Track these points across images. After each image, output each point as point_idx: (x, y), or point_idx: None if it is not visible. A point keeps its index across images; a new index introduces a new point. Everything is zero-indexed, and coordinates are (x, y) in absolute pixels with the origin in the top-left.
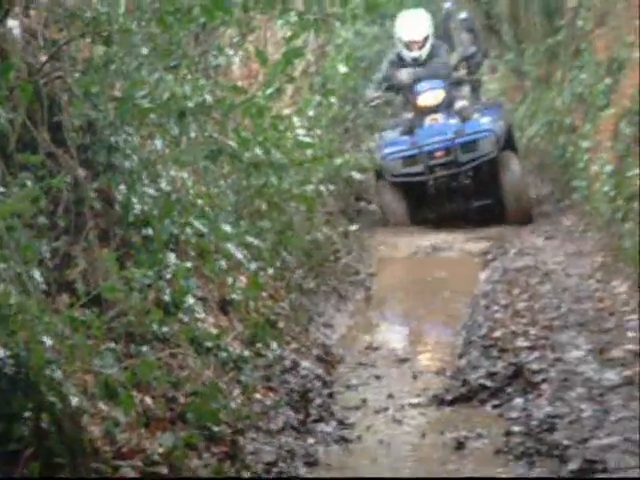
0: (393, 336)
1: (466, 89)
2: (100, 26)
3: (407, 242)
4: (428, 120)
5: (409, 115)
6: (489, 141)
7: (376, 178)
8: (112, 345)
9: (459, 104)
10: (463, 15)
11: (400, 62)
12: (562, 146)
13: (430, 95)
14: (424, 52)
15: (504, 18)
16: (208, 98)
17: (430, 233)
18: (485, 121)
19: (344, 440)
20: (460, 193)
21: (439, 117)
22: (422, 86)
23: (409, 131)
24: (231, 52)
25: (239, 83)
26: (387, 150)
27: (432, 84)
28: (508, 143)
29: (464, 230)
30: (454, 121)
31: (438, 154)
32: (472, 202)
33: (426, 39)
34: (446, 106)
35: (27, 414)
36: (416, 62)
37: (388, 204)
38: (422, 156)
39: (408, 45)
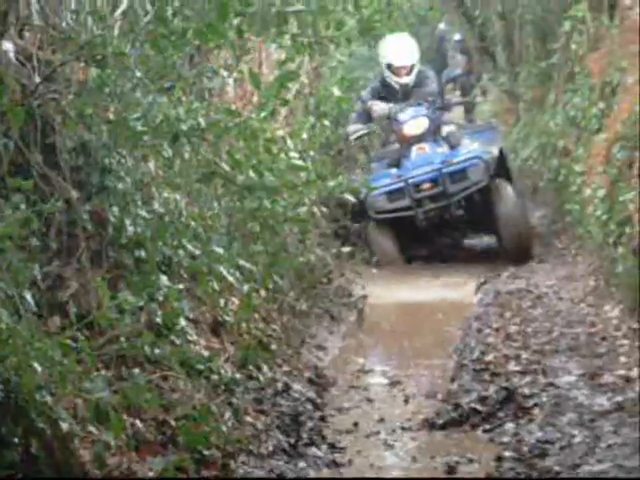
0: (385, 359)
1: (455, 113)
2: (94, 49)
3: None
4: (415, 150)
5: (395, 146)
6: (479, 169)
7: (354, 216)
8: (103, 368)
9: (446, 130)
10: (457, 37)
11: (384, 89)
12: (555, 169)
13: (414, 123)
14: (412, 78)
15: (498, 40)
16: (201, 121)
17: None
18: (474, 147)
19: (335, 464)
20: (452, 227)
21: (426, 146)
22: (405, 115)
23: (395, 163)
24: (225, 74)
25: (234, 105)
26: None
27: (415, 112)
28: (501, 169)
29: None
30: (442, 149)
31: (425, 186)
32: (463, 239)
33: (413, 65)
34: (433, 133)
35: (17, 440)
36: (403, 89)
37: (376, 243)
38: (408, 189)
39: (396, 71)
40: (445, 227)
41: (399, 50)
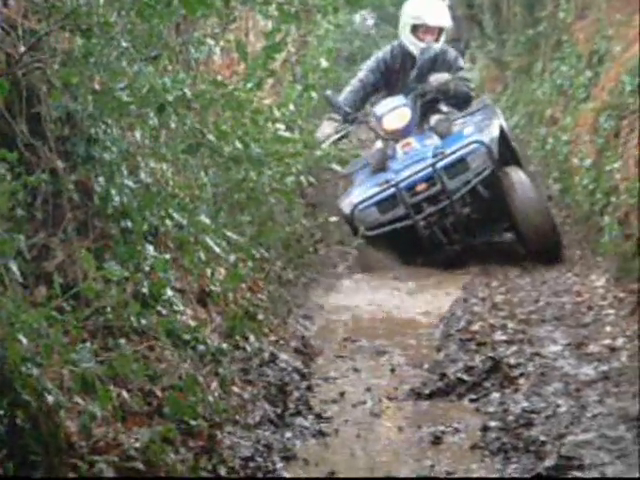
0: (371, 328)
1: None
2: (80, 18)
3: None
4: (400, 148)
5: (378, 146)
6: (479, 155)
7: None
8: (89, 339)
9: (434, 118)
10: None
11: (398, 59)
12: (542, 138)
13: (394, 116)
14: (439, 47)
15: (486, 8)
16: (187, 91)
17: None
18: (469, 131)
19: (321, 434)
20: (461, 228)
21: (412, 141)
22: (382, 107)
23: (381, 166)
24: (212, 42)
25: (220, 74)
26: (355, 198)
27: (393, 102)
28: (506, 152)
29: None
30: (431, 141)
31: (420, 187)
32: (478, 236)
33: (443, 31)
34: (418, 125)
35: (2, 412)
36: (426, 59)
37: (374, 263)
38: (401, 195)
39: (424, 34)
40: (453, 231)
41: (431, 9)
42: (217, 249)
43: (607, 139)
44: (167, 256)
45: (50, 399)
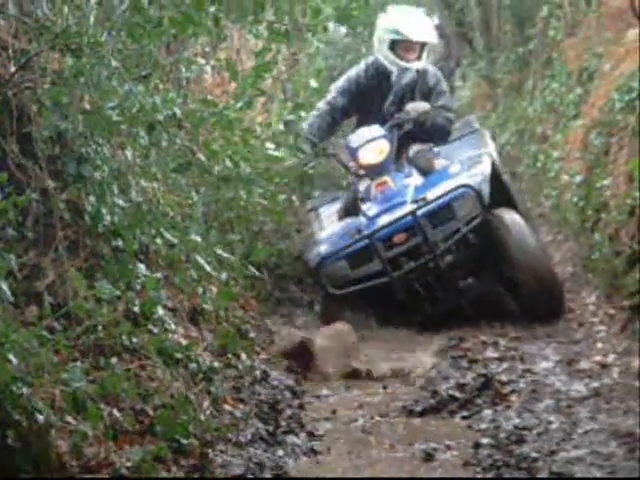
0: (364, 344)
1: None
2: (70, 37)
3: None
4: (375, 187)
5: (350, 183)
6: (467, 201)
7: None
8: (80, 358)
9: (413, 149)
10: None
11: (373, 79)
12: (533, 155)
13: (370, 149)
14: (421, 65)
15: (476, 26)
16: (177, 111)
17: None
18: (455, 170)
19: (313, 452)
20: (446, 283)
21: (389, 179)
22: (357, 138)
23: (351, 210)
24: (203, 61)
25: (211, 92)
26: (322, 249)
27: (370, 133)
28: (499, 192)
29: None
30: (411, 180)
31: (398, 238)
32: (464, 292)
33: (424, 47)
34: (396, 159)
35: None
36: (406, 80)
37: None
38: (376, 247)
39: (404, 51)
40: (437, 288)
41: (413, 23)
42: (208, 267)
43: (597, 156)
44: (158, 275)
45: (41, 418)
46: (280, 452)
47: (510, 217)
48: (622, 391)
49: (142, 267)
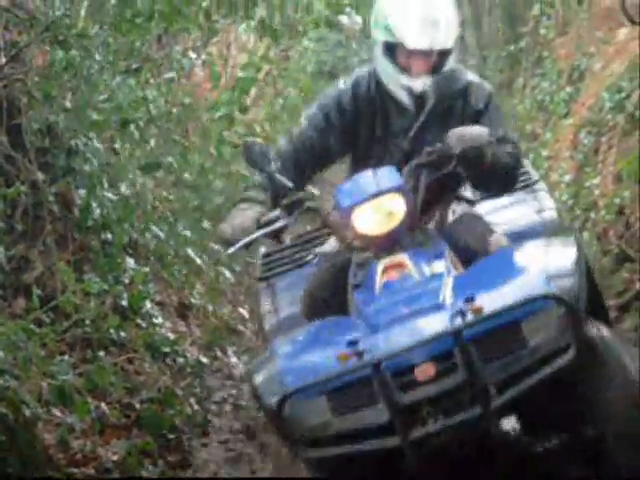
0: None
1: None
2: (59, 30)
3: None
4: (382, 271)
5: (336, 255)
6: (549, 320)
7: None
8: (68, 351)
9: (454, 210)
10: None
11: (378, 96)
12: (523, 153)
13: (372, 210)
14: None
15: (467, 23)
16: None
17: None
18: (525, 257)
19: None
20: (496, 458)
21: (406, 260)
22: (351, 188)
23: (331, 295)
24: (194, 56)
25: (201, 86)
26: (286, 376)
27: (373, 180)
28: (593, 302)
29: None
30: (443, 265)
31: (422, 371)
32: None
33: (448, 54)
34: (416, 225)
35: None
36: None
37: None
38: (382, 382)
39: (409, 61)
40: (481, 462)
41: (418, 11)
42: (198, 261)
43: (586, 155)
44: (147, 269)
45: (28, 412)
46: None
47: (608, 341)
48: None
49: (131, 261)
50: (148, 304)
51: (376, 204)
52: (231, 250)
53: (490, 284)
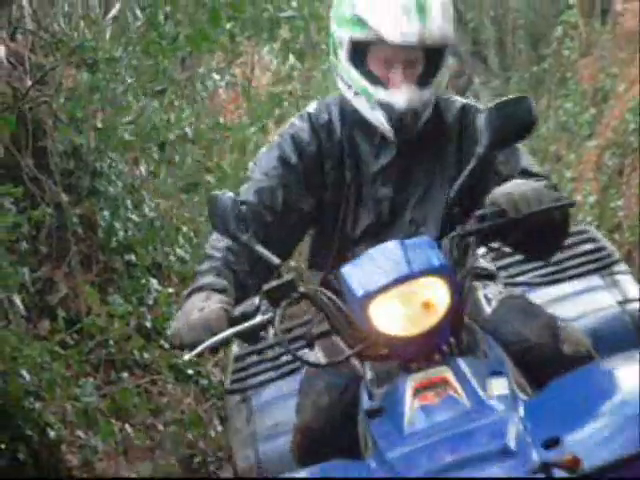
0: None
1: None
2: (85, 52)
3: None
4: (412, 392)
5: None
6: None
7: None
8: (92, 373)
9: (488, 292)
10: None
11: (348, 129)
12: None
13: (399, 301)
14: (425, 94)
15: (491, 45)
16: (188, 131)
17: None
18: (626, 369)
19: None
20: None
21: (450, 376)
22: (369, 266)
23: (332, 429)
24: (217, 77)
25: (225, 108)
26: None
27: (409, 252)
28: None
29: None
30: (503, 385)
31: None
32: None
33: (442, 54)
34: (457, 324)
35: (3, 446)
36: (406, 135)
37: None
38: None
39: (382, 56)
40: None
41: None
42: None
43: (611, 177)
44: (170, 290)
45: (52, 433)
46: None
47: None
48: None
49: (154, 282)
50: None
51: (407, 292)
52: (192, 354)
53: (580, 418)
